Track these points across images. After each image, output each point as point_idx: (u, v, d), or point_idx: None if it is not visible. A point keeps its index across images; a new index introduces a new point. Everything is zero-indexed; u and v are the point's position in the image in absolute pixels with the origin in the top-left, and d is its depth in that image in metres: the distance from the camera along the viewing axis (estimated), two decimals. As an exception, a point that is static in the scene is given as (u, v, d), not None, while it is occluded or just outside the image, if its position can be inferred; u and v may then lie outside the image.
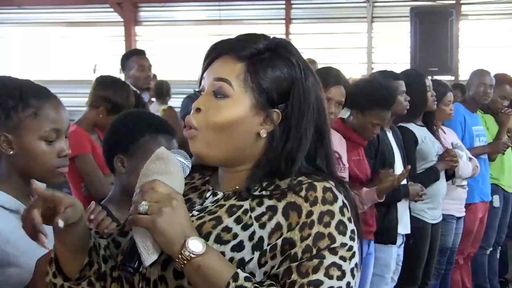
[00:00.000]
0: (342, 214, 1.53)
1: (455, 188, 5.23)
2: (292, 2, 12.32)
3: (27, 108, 2.10)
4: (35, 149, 2.10)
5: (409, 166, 4.25)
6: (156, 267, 1.56)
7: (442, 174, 4.95)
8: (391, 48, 11.62)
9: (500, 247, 6.40)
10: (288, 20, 12.26)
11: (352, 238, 1.53)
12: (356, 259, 1.54)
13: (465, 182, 5.30)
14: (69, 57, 13.15)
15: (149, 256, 1.49)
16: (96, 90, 4.31)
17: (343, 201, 1.55)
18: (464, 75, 10.88)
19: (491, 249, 6.13)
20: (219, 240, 1.52)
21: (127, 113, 2.69)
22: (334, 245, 1.50)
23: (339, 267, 1.49)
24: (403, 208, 4.54)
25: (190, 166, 1.64)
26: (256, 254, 1.50)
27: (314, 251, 1.49)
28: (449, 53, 9.98)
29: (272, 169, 1.59)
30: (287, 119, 1.60)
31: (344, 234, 1.52)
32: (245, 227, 1.53)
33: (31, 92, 2.13)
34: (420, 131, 4.95)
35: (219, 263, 1.47)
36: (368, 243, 4.25)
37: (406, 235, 4.65)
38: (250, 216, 1.54)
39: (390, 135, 4.63)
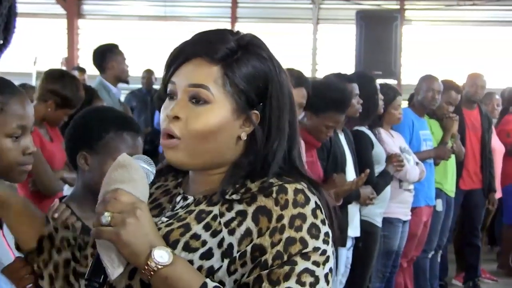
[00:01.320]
0: (315, 216, 1.47)
1: (402, 192, 5.27)
2: (238, 0, 12.31)
3: None
4: (0, 146, 2.01)
5: (368, 170, 4.24)
6: (123, 277, 1.49)
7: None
8: (335, 50, 11.70)
9: (441, 251, 6.48)
10: (233, 19, 12.24)
11: (325, 242, 1.47)
12: (330, 263, 1.48)
13: (412, 186, 5.35)
14: (9, 49, 12.85)
15: (114, 269, 1.43)
16: (44, 83, 4.21)
17: (316, 203, 1.49)
18: (406, 79, 11.05)
19: (432, 252, 6.20)
20: (187, 248, 1.46)
21: (92, 109, 2.62)
22: (306, 249, 1.44)
23: (312, 273, 1.43)
24: (353, 211, 4.55)
25: (154, 172, 1.57)
26: (226, 261, 1.45)
27: (285, 257, 1.42)
28: (393, 57, 10.13)
29: (249, 171, 1.53)
30: (265, 119, 1.54)
31: (317, 237, 1.45)
32: (214, 234, 1.47)
33: None
34: (371, 134, 4.97)
35: (187, 273, 1.42)
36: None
37: (356, 238, 4.66)
38: (219, 222, 1.48)
39: (342, 138, 4.63)
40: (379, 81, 5.29)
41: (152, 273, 1.39)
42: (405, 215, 5.36)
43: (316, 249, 1.45)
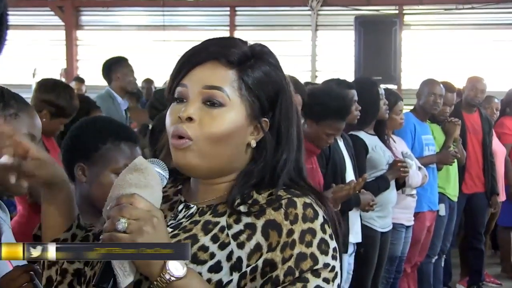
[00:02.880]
0: (324, 231, 1.46)
1: (404, 197, 5.24)
2: (236, 9, 12.31)
3: (8, 108, 2.07)
4: None
5: (366, 175, 4.22)
6: (129, 286, 1.45)
7: (392, 183, 4.95)
8: (335, 56, 11.69)
9: (444, 255, 6.45)
10: (232, 27, 12.23)
11: (334, 257, 1.46)
12: (338, 279, 1.47)
13: (414, 191, 5.33)
14: (8, 61, 12.87)
15: (125, 277, 1.39)
16: (38, 93, 4.19)
17: (323, 217, 1.48)
18: (406, 84, 11.03)
19: (436, 257, 6.17)
20: (195, 260, 1.43)
21: (88, 119, 2.59)
22: (317, 266, 1.43)
23: None
24: (354, 217, 4.52)
25: (167, 177, 1.53)
26: (235, 275, 1.43)
27: (297, 274, 1.41)
28: (393, 62, 10.13)
29: (258, 180, 1.52)
30: (274, 127, 1.53)
31: (326, 253, 1.44)
32: (222, 246, 1.45)
33: (12, 95, 2.11)
34: (370, 139, 4.94)
35: (200, 286, 1.40)
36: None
37: (357, 243, 4.63)
38: (227, 234, 1.46)
39: (341, 143, 4.60)
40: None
41: (165, 285, 1.36)
42: (408, 220, 5.34)
43: (326, 265, 1.44)
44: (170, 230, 1.51)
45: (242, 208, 1.48)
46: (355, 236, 4.57)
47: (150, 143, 2.86)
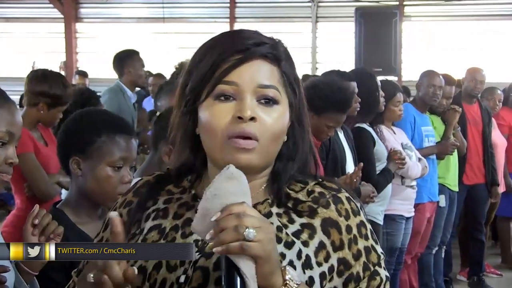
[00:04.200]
0: (367, 221, 1.52)
1: (404, 188, 5.22)
2: (236, 0, 12.27)
3: None
4: None
5: (361, 164, 4.19)
6: None
7: (388, 175, 4.95)
8: (335, 48, 11.66)
9: (445, 247, 6.44)
10: (232, 19, 12.20)
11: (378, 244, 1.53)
12: None
13: (414, 182, 5.30)
14: (7, 53, 12.86)
15: (255, 285, 1.33)
16: (30, 86, 4.14)
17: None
18: (406, 75, 11.00)
19: (436, 248, 6.16)
20: None
21: (83, 112, 2.56)
22: (380, 258, 1.50)
23: (388, 278, 1.50)
24: (354, 209, 4.49)
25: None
26: (309, 273, 1.43)
27: (371, 267, 1.48)
28: (393, 54, 10.08)
29: (293, 173, 1.52)
30: (296, 119, 1.52)
31: (377, 242, 1.51)
32: (288, 245, 1.45)
33: None
34: (372, 132, 4.93)
35: None
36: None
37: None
38: (287, 233, 1.46)
39: (341, 135, 4.59)
40: (379, 78, 5.23)
41: None
42: (408, 211, 5.31)
43: (383, 254, 1.52)
44: None
45: (290, 205, 1.49)
46: (356, 229, 4.55)
47: (161, 129, 2.79)
